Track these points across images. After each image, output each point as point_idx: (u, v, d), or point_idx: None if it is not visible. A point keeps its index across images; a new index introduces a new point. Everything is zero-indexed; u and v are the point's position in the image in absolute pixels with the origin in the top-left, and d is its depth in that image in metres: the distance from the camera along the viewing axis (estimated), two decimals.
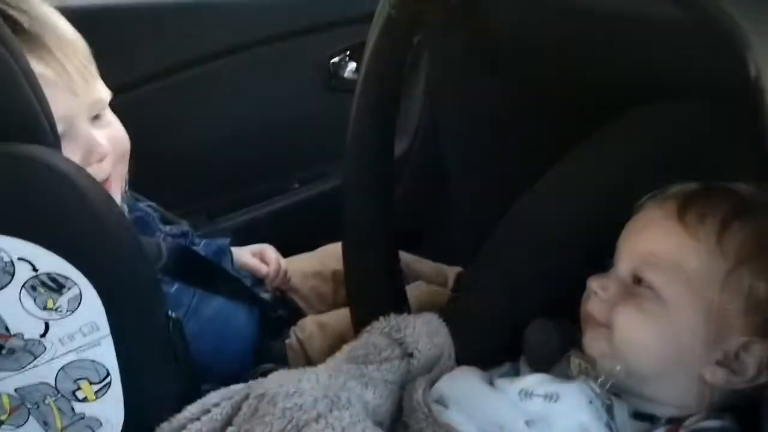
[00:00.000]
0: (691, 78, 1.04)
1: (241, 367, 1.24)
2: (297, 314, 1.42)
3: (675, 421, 0.90)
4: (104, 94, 1.19)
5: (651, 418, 0.92)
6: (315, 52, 1.76)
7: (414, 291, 1.32)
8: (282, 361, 1.30)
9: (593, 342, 0.96)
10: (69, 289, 0.88)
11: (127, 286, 0.94)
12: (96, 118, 1.17)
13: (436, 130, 1.14)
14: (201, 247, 1.34)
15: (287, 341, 1.33)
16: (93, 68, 1.17)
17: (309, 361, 1.29)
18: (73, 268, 0.87)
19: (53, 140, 0.94)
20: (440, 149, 1.17)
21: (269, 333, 1.35)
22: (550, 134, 1.14)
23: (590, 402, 0.88)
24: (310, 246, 1.60)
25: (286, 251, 1.55)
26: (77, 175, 0.92)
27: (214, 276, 1.27)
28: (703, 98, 1.04)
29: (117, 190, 1.20)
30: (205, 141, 1.73)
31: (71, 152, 1.09)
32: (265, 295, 1.38)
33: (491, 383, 0.96)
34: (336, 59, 1.76)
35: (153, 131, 1.64)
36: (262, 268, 1.44)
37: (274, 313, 1.36)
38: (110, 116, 1.21)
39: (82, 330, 0.90)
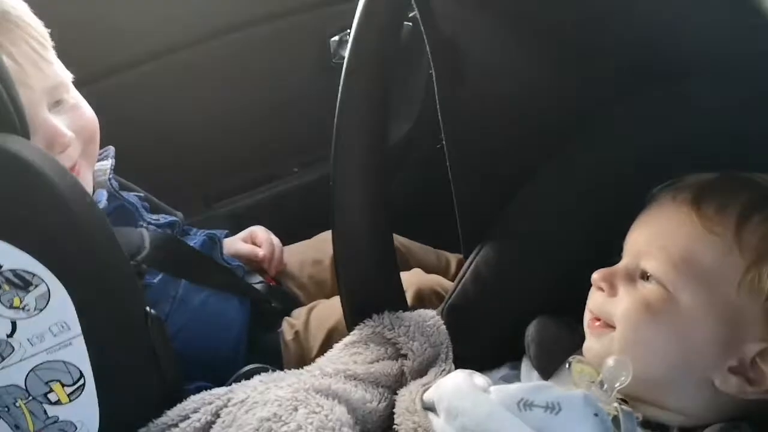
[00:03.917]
0: (706, 58, 0.98)
1: (233, 360, 1.21)
2: (293, 304, 1.37)
3: (687, 431, 0.85)
4: (63, 77, 1.14)
5: (661, 428, 0.86)
6: (314, 30, 1.71)
7: (406, 276, 1.27)
8: (275, 352, 1.27)
9: (595, 343, 0.90)
10: (36, 286, 0.83)
11: (99, 283, 0.89)
12: (57, 103, 1.12)
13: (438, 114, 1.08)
14: (191, 236, 1.30)
15: (280, 331, 1.29)
16: (48, 52, 1.12)
17: (303, 353, 1.26)
18: (40, 264, 0.83)
19: (20, 128, 0.89)
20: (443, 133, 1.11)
21: (263, 325, 1.30)
22: (558, 118, 1.08)
23: (596, 414, 0.81)
24: (311, 232, 1.57)
25: (285, 237, 1.51)
26: (44, 163, 0.86)
27: (202, 267, 1.22)
28: (718, 79, 0.98)
29: (87, 175, 1.16)
30: (201, 124, 1.68)
31: None
32: (258, 286, 1.33)
33: (489, 387, 0.89)
34: (336, 38, 1.70)
35: (148, 114, 1.62)
36: (258, 252, 1.39)
37: (268, 305, 1.30)
38: (74, 99, 1.16)
39: (52, 330, 0.85)
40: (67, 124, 1.11)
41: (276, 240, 1.45)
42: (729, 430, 0.82)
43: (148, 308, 0.96)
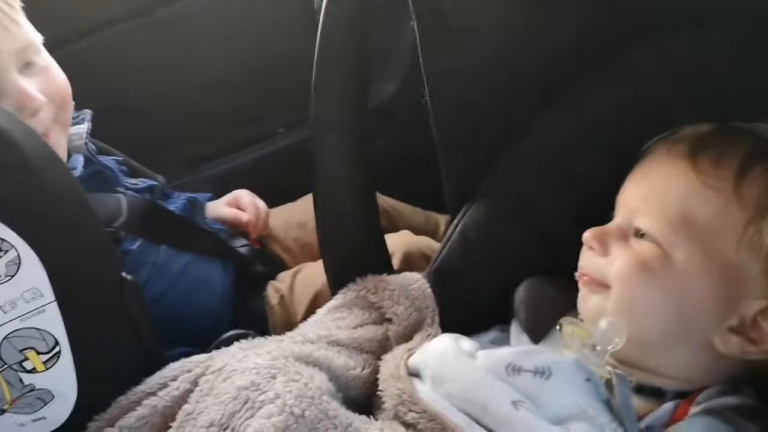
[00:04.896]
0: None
1: (218, 325, 1.20)
2: (278, 268, 1.36)
3: (685, 396, 0.82)
4: (33, 39, 1.12)
5: (657, 393, 0.84)
6: None
7: (394, 238, 1.25)
8: (261, 317, 1.26)
9: (588, 304, 0.88)
10: (6, 252, 0.81)
11: (71, 248, 0.86)
12: (27, 66, 1.10)
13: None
14: (172, 200, 1.27)
15: (265, 294, 1.28)
16: (16, 13, 1.09)
17: (289, 316, 1.26)
18: (8, 229, 0.80)
19: None
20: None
21: (248, 289, 1.29)
22: (544, 72, 1.04)
23: (587, 379, 0.79)
24: (297, 194, 1.56)
25: (271, 199, 1.50)
26: (9, 125, 0.83)
27: (182, 231, 1.20)
28: (723, 27, 0.96)
29: (61, 141, 1.14)
30: (185, 84, 1.67)
31: None
32: (242, 249, 1.31)
33: (477, 352, 0.87)
34: None
35: (129, 74, 1.59)
36: (242, 217, 1.38)
37: (252, 268, 1.28)
38: (45, 61, 1.14)
39: (24, 296, 0.83)
40: (38, 88, 1.09)
41: (261, 203, 1.44)
42: (729, 393, 0.80)
43: (123, 274, 0.94)
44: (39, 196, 0.84)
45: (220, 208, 1.40)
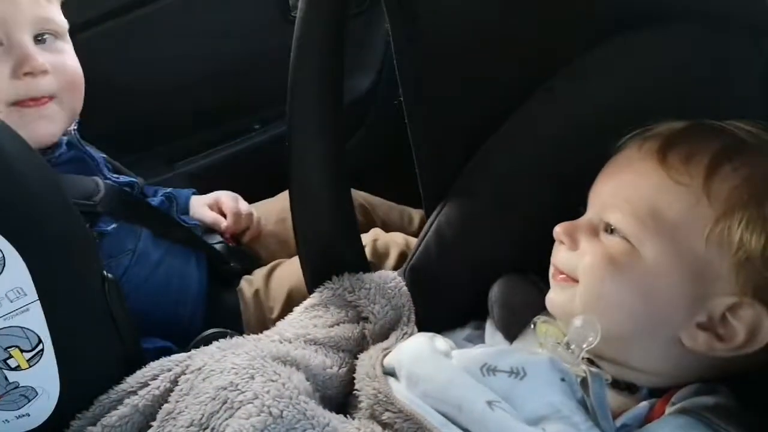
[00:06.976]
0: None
1: (192, 317, 1.22)
2: (253, 265, 1.38)
3: (659, 393, 0.83)
4: (58, 18, 1.14)
5: (631, 388, 0.85)
6: None
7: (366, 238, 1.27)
8: (235, 311, 1.27)
9: (558, 294, 0.89)
10: None
11: (53, 248, 0.87)
12: (44, 39, 1.13)
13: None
14: (150, 198, 1.28)
15: (238, 289, 1.29)
16: None
17: (263, 311, 1.26)
18: None
19: None
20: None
21: (221, 284, 1.30)
22: (521, 67, 1.06)
23: (562, 379, 0.80)
24: (274, 189, 1.55)
25: (247, 196, 1.50)
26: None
27: (158, 221, 1.23)
28: (695, 23, 0.98)
29: (57, 118, 1.15)
30: (159, 81, 1.65)
31: (2, 62, 1.07)
32: (218, 246, 1.31)
33: (451, 352, 0.88)
34: None
35: (106, 72, 1.58)
36: (221, 224, 1.38)
37: (226, 265, 1.29)
38: (65, 47, 1.17)
39: (8, 296, 0.84)
40: (47, 61, 1.11)
41: (244, 205, 1.43)
42: (704, 392, 0.81)
43: (105, 272, 0.95)
44: (17, 194, 0.84)
45: (202, 210, 1.39)
